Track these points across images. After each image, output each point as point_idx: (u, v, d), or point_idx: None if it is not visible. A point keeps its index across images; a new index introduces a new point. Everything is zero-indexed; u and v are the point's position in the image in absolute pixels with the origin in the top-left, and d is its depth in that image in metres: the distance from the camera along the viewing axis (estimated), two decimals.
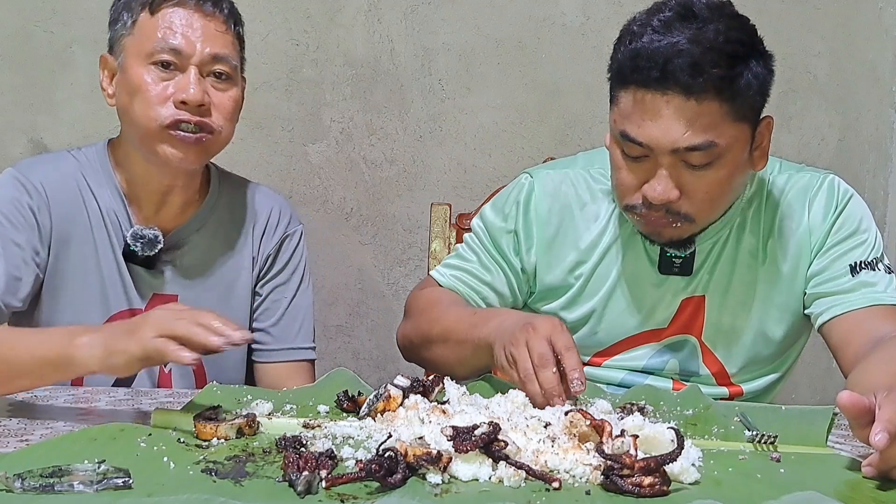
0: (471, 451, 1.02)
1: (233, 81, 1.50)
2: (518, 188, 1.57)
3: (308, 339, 1.66)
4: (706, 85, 1.29)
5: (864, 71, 2.44)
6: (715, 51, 1.29)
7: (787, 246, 1.49)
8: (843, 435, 1.21)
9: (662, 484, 1.00)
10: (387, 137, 2.38)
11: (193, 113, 1.44)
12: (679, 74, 1.29)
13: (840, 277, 1.47)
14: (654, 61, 1.30)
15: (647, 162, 1.36)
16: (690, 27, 1.31)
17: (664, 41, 1.30)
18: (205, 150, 1.48)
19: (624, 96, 1.35)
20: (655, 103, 1.31)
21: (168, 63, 1.44)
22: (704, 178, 1.35)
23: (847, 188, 1.52)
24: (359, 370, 1.56)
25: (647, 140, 1.33)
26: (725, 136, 1.33)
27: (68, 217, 1.50)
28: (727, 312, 1.51)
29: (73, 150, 1.56)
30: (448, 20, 2.35)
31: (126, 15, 1.47)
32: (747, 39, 1.34)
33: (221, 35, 1.48)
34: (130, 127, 1.47)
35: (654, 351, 1.53)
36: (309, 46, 2.34)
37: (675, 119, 1.31)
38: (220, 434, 1.13)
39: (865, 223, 1.50)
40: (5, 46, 2.30)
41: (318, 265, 2.40)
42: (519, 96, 2.38)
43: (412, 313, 1.58)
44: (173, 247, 1.55)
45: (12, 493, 0.94)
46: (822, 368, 2.43)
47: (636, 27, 1.36)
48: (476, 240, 1.59)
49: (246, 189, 1.65)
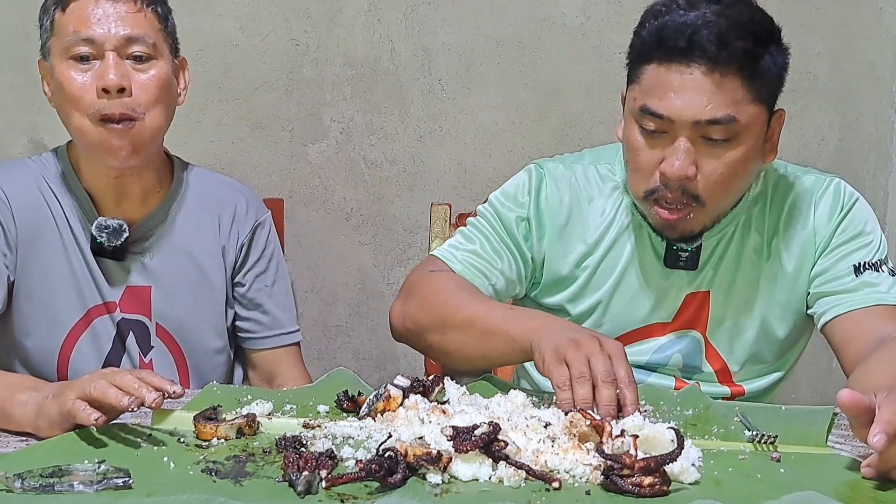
0: (471, 451, 1.02)
1: (154, 62, 1.48)
2: (528, 176, 1.56)
3: (293, 321, 1.69)
4: (730, 58, 1.32)
5: (864, 71, 2.43)
6: (740, 26, 1.33)
7: (792, 245, 1.50)
8: (843, 435, 1.21)
9: (662, 484, 1.00)
10: (387, 137, 2.38)
11: (117, 106, 1.43)
12: (705, 44, 1.32)
13: (843, 277, 1.47)
14: (681, 32, 1.33)
15: (664, 138, 1.37)
16: (717, 4, 1.34)
17: (691, 14, 1.34)
18: (137, 140, 1.47)
19: (647, 72, 1.37)
20: (680, 76, 1.34)
21: (86, 56, 1.44)
22: (721, 157, 1.36)
23: (853, 191, 1.53)
24: (359, 370, 1.56)
25: (668, 112, 1.35)
26: (745, 115, 1.35)
27: (32, 219, 1.51)
28: (731, 309, 1.51)
29: (28, 158, 1.58)
30: (448, 20, 2.35)
31: (45, 18, 1.49)
32: (769, 25, 1.39)
33: (133, 15, 1.46)
34: (67, 126, 1.49)
35: (658, 345, 1.54)
36: (309, 46, 2.34)
37: (699, 92, 1.33)
38: (220, 434, 1.13)
39: (870, 225, 1.51)
40: (5, 46, 2.30)
41: (318, 265, 2.40)
42: (519, 96, 2.37)
43: (421, 295, 1.52)
44: (140, 238, 1.55)
45: (12, 493, 0.94)
46: (822, 368, 2.43)
47: (661, 6, 1.38)
48: (486, 224, 1.56)
49: (211, 180, 1.66)
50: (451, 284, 1.50)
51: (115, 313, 1.55)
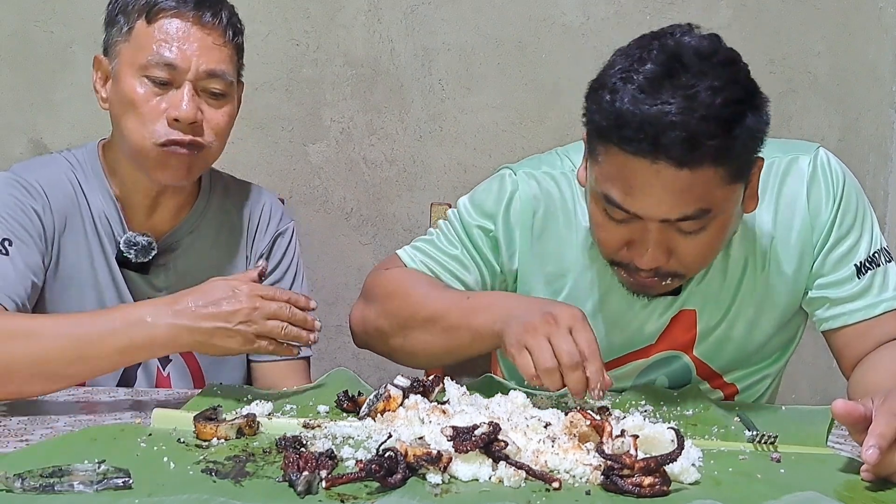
0: (471, 451, 1.02)
1: (228, 98, 1.47)
2: (500, 185, 1.48)
3: None
4: (702, 157, 1.19)
5: (864, 71, 2.43)
6: (710, 120, 1.17)
7: (790, 246, 1.43)
8: (843, 435, 1.21)
9: (662, 484, 1.00)
10: (387, 137, 2.38)
11: (186, 131, 1.41)
12: (672, 149, 1.17)
13: (846, 283, 1.42)
14: (644, 132, 1.17)
15: (633, 223, 1.26)
16: (680, 89, 1.18)
17: (653, 109, 1.17)
18: (195, 167, 1.46)
19: (606, 157, 1.24)
20: (644, 173, 1.20)
21: (162, 80, 1.41)
22: (696, 241, 1.27)
23: (836, 167, 1.44)
24: (359, 370, 1.55)
25: (634, 209, 1.23)
26: (719, 200, 1.24)
27: (66, 219, 1.49)
28: (719, 322, 1.45)
29: (64, 153, 1.54)
30: (448, 20, 2.35)
31: (122, 19, 1.44)
32: (742, 95, 1.22)
33: (218, 49, 1.44)
34: (122, 139, 1.45)
35: (643, 366, 1.48)
36: (309, 46, 2.34)
37: (667, 190, 1.20)
38: (220, 434, 1.13)
39: (862, 207, 1.44)
40: (5, 46, 2.30)
41: (318, 265, 2.40)
42: (519, 96, 2.37)
43: (378, 296, 1.47)
44: (167, 250, 1.54)
45: (12, 493, 0.94)
46: (822, 368, 2.42)
47: (616, 81, 1.22)
48: (452, 232, 1.49)
49: (237, 188, 1.65)
50: (407, 281, 1.45)
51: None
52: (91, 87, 1.50)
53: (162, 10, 1.41)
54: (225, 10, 1.46)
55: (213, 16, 1.43)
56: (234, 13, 1.49)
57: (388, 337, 1.45)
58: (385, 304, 1.46)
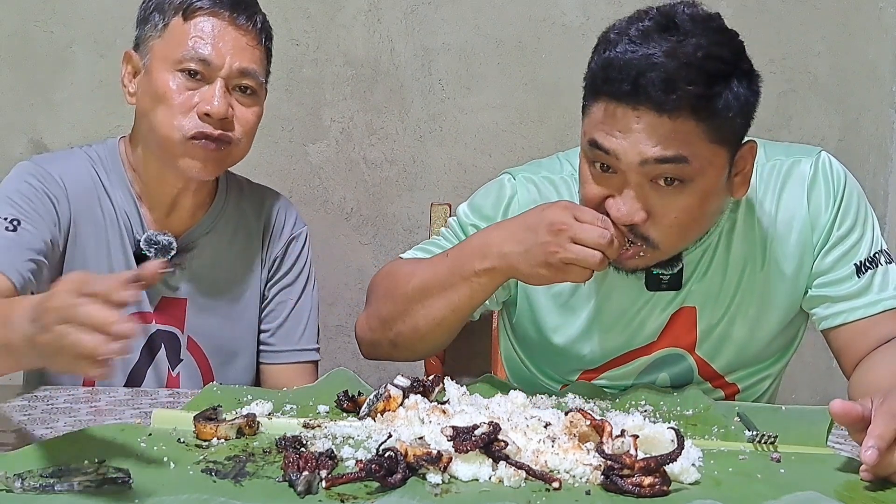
0: (471, 451, 1.02)
1: (257, 97, 1.50)
2: (499, 191, 1.50)
3: (312, 340, 1.66)
4: (680, 102, 1.21)
5: (864, 71, 2.43)
6: (692, 67, 1.21)
7: (790, 246, 1.44)
8: (843, 435, 1.21)
9: (662, 484, 1.00)
10: (387, 137, 2.38)
11: (216, 126, 1.43)
12: (651, 89, 1.21)
13: (846, 281, 1.42)
14: (626, 73, 1.23)
15: (615, 178, 1.29)
16: (669, 39, 1.23)
17: (639, 52, 1.22)
18: (222, 161, 1.48)
19: (595, 107, 1.29)
20: (626, 118, 1.24)
21: (195, 72, 1.43)
22: (674, 202, 1.28)
23: (839, 170, 1.45)
24: (359, 370, 1.55)
25: (614, 148, 1.26)
26: (699, 157, 1.25)
27: (84, 212, 1.49)
28: (720, 320, 1.45)
29: (84, 147, 1.55)
30: (448, 20, 2.35)
31: (157, 16, 1.46)
32: (730, 57, 1.26)
33: (251, 50, 1.48)
34: (150, 132, 1.46)
35: (644, 366, 1.48)
36: (309, 46, 2.34)
37: (646, 135, 1.24)
38: (220, 434, 1.13)
39: (863, 209, 1.45)
40: (5, 46, 2.30)
41: (318, 265, 2.37)
42: (519, 96, 2.37)
43: (372, 293, 1.52)
44: (183, 249, 1.54)
45: (12, 492, 0.94)
46: (822, 368, 2.42)
47: (613, 35, 1.28)
48: (452, 235, 1.52)
49: (252, 191, 1.66)
50: (392, 268, 1.48)
51: (149, 324, 1.53)
52: (90, 88, 1.52)
53: (199, 8, 1.45)
54: (259, 15, 1.51)
55: (248, 19, 1.48)
56: (266, 19, 1.53)
57: (390, 325, 1.46)
58: (378, 295, 1.49)
